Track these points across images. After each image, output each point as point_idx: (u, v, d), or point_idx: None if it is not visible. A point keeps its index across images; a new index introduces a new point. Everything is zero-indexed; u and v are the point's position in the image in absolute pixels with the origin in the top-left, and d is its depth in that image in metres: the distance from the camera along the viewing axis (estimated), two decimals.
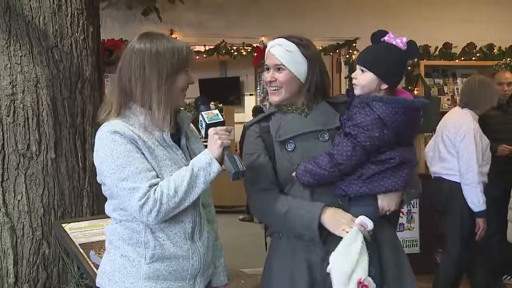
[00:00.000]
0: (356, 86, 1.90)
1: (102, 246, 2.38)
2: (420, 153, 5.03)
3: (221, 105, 8.92)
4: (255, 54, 5.24)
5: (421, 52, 5.22)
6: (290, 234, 1.90)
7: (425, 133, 5.13)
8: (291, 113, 1.96)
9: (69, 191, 2.82)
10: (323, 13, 5.11)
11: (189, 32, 4.92)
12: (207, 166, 1.68)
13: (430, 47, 5.30)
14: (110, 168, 1.66)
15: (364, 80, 1.87)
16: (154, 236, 1.71)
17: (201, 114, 1.77)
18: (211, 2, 4.99)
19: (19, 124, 2.71)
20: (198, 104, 1.82)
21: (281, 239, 1.95)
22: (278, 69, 1.93)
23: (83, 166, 2.86)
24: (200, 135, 1.90)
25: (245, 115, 9.57)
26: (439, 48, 5.32)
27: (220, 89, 9.82)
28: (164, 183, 1.66)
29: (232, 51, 5.27)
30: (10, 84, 2.71)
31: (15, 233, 2.72)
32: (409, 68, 5.18)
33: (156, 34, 1.78)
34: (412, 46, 1.88)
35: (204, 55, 5.28)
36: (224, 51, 5.20)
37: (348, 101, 1.93)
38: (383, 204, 1.85)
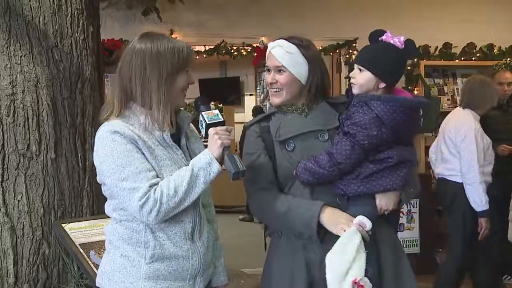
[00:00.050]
0: (354, 86, 1.90)
1: (102, 246, 2.38)
2: (420, 153, 5.04)
3: (221, 105, 8.92)
4: (255, 54, 5.25)
5: (421, 52, 5.22)
6: (290, 233, 1.91)
7: (425, 133, 5.13)
8: (291, 113, 1.96)
9: (69, 191, 2.82)
10: (323, 13, 5.11)
11: (189, 32, 4.93)
12: (207, 166, 1.68)
13: (430, 47, 5.30)
14: (110, 168, 1.66)
15: (362, 79, 1.88)
16: (154, 236, 1.71)
17: (201, 114, 1.77)
18: (211, 2, 4.99)
19: (19, 124, 2.71)
20: (198, 104, 1.82)
21: (281, 238, 1.95)
22: (279, 71, 1.93)
23: (83, 166, 2.86)
24: (200, 135, 1.91)
25: (245, 115, 9.57)
26: (439, 48, 5.32)
27: (220, 89, 9.82)
28: (164, 183, 1.66)
29: (232, 51, 5.27)
30: (10, 84, 2.71)
31: (15, 233, 2.72)
32: (409, 68, 5.17)
33: (157, 34, 1.78)
34: (409, 45, 1.88)
35: (204, 55, 5.28)
36: (224, 51, 5.20)
37: (347, 101, 1.94)
38: (382, 204, 1.85)
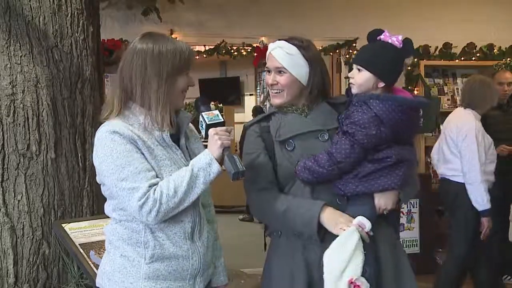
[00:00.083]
0: (353, 85, 1.91)
1: (102, 246, 2.38)
2: (420, 153, 5.04)
3: (221, 105, 8.92)
4: (255, 54, 5.24)
5: (421, 52, 5.22)
6: (289, 233, 1.91)
7: (425, 133, 5.13)
8: (291, 113, 1.96)
9: (69, 191, 2.82)
10: (323, 13, 5.11)
11: (189, 32, 4.92)
12: (207, 166, 1.68)
13: (430, 47, 5.29)
14: (110, 168, 1.66)
15: (360, 79, 1.88)
16: (154, 236, 1.71)
17: (201, 114, 1.77)
18: (211, 2, 4.98)
19: (19, 124, 2.71)
20: (198, 104, 1.82)
21: (280, 238, 1.95)
22: (279, 72, 1.93)
23: (83, 166, 2.86)
24: (200, 136, 1.91)
25: (245, 115, 9.56)
26: (439, 48, 5.31)
27: (220, 89, 9.82)
28: (164, 183, 1.66)
29: (232, 51, 5.26)
30: (10, 84, 2.71)
31: (15, 233, 2.72)
32: (409, 68, 5.17)
33: (158, 35, 1.78)
34: (407, 44, 1.88)
35: (204, 55, 5.27)
36: (224, 51, 5.20)
37: (347, 101, 1.94)
38: (380, 203, 1.85)
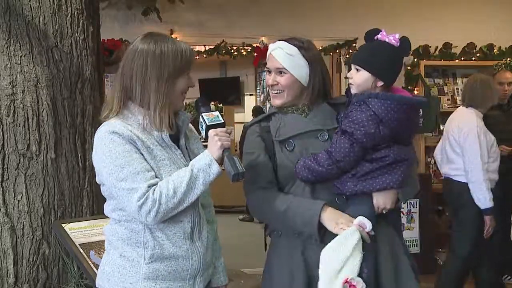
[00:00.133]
0: (352, 86, 1.91)
1: (102, 246, 2.38)
2: (420, 153, 5.04)
3: (221, 105, 8.92)
4: (255, 54, 5.24)
5: (421, 52, 5.22)
6: (289, 233, 1.90)
7: (425, 133, 5.13)
8: (291, 114, 1.96)
9: (69, 191, 2.82)
10: (323, 13, 5.11)
11: (189, 32, 4.92)
12: (206, 167, 1.68)
13: (430, 47, 5.29)
14: (109, 168, 1.66)
15: (359, 78, 1.88)
16: (153, 236, 1.71)
17: (202, 115, 1.77)
18: (211, 2, 4.98)
19: (19, 124, 2.71)
20: (198, 105, 1.82)
21: (280, 237, 1.95)
22: (280, 73, 1.93)
23: (83, 166, 2.86)
24: (200, 136, 1.90)
25: (245, 115, 9.57)
26: (439, 48, 5.31)
27: (220, 89, 9.82)
28: (163, 183, 1.66)
29: (232, 51, 5.26)
30: (10, 84, 2.71)
31: (15, 233, 2.72)
32: (409, 68, 5.18)
33: (160, 35, 1.78)
34: (404, 42, 1.89)
35: (204, 55, 5.27)
36: (224, 51, 5.19)
37: (346, 101, 1.94)
38: (379, 202, 1.85)
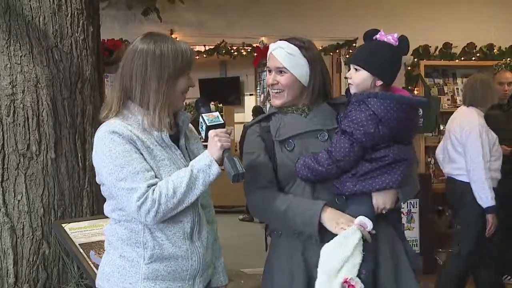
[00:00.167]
0: (351, 86, 1.91)
1: (102, 246, 2.38)
2: (420, 153, 5.04)
3: (221, 105, 8.92)
4: (255, 54, 5.23)
5: (421, 52, 5.22)
6: (289, 232, 1.90)
7: (425, 133, 5.13)
8: (291, 114, 1.96)
9: (69, 191, 2.82)
10: (323, 13, 5.11)
11: (189, 32, 4.92)
12: (206, 168, 1.68)
13: (430, 47, 5.29)
14: (109, 168, 1.66)
15: (358, 78, 1.88)
16: (153, 236, 1.71)
17: (202, 116, 1.77)
18: (211, 2, 4.98)
19: (19, 124, 2.71)
20: (198, 105, 1.82)
21: (280, 237, 1.95)
22: (280, 72, 1.93)
23: (83, 166, 2.86)
24: (199, 137, 1.90)
25: (245, 115, 9.58)
26: (439, 48, 5.31)
27: (220, 89, 9.82)
28: (163, 183, 1.66)
29: (232, 51, 5.25)
30: (10, 84, 2.71)
31: (15, 233, 2.72)
32: (409, 68, 5.18)
33: (160, 35, 1.78)
34: (403, 41, 1.89)
35: (204, 55, 5.26)
36: (224, 51, 5.19)
37: (346, 101, 1.94)
38: (378, 202, 1.85)
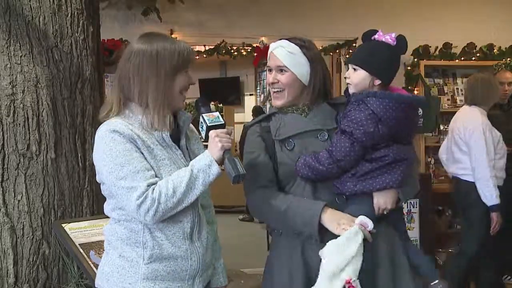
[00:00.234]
0: (350, 85, 1.91)
1: (102, 246, 2.37)
2: (420, 153, 5.04)
3: (221, 105, 8.92)
4: (255, 54, 5.24)
5: (421, 52, 5.22)
6: (289, 232, 1.90)
7: (425, 133, 5.13)
8: (291, 113, 1.97)
9: (69, 191, 2.82)
10: (323, 13, 5.11)
11: (189, 32, 4.92)
12: (206, 168, 1.68)
13: (430, 47, 5.29)
14: (109, 167, 1.66)
15: (356, 78, 1.89)
16: (153, 236, 1.71)
17: (202, 116, 1.77)
18: (211, 2, 4.98)
19: (19, 124, 2.71)
20: (199, 105, 1.82)
21: (281, 236, 1.95)
22: (281, 71, 1.94)
23: (83, 166, 2.86)
24: (200, 137, 1.90)
25: (245, 115, 9.58)
26: (439, 48, 5.31)
27: (220, 89, 9.83)
28: (163, 183, 1.66)
29: (232, 51, 5.25)
30: (10, 84, 2.70)
31: (15, 233, 2.72)
32: (409, 68, 5.18)
33: (158, 35, 1.78)
34: (401, 41, 1.90)
35: (204, 55, 5.27)
36: (224, 51, 5.19)
37: (346, 101, 1.94)
38: (379, 202, 1.85)
